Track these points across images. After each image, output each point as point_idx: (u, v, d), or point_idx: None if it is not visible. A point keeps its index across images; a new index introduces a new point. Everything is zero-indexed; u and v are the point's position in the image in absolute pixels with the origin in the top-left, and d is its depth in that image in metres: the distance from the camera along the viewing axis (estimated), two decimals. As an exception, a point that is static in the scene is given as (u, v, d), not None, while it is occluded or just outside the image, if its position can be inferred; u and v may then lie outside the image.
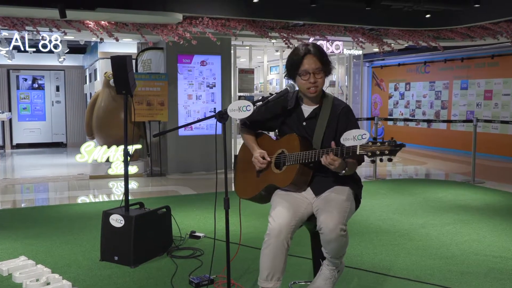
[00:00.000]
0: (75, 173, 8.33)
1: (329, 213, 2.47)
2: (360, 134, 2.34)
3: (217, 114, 2.67)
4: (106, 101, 8.08)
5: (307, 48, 2.58)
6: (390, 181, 7.60)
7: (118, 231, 3.67)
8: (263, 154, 2.73)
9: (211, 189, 6.73)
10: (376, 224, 4.90)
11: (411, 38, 8.90)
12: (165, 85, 8.01)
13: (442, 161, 10.08)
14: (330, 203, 2.53)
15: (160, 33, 7.40)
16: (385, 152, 2.24)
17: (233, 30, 7.79)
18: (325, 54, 2.63)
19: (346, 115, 2.64)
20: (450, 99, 11.42)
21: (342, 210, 2.49)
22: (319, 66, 2.56)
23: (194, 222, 4.99)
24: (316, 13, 7.96)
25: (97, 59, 10.22)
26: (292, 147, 2.64)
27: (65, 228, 4.74)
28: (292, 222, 2.54)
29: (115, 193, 6.77)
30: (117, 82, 3.90)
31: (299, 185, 2.65)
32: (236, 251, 3.75)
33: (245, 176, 2.88)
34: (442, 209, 5.56)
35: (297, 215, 2.58)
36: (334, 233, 2.42)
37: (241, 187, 2.92)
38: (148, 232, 3.76)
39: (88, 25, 7.07)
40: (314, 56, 2.56)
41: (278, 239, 2.50)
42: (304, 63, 2.56)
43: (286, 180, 2.62)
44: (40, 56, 12.10)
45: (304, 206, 2.64)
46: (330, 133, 2.61)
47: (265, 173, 2.75)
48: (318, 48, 2.61)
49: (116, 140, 7.85)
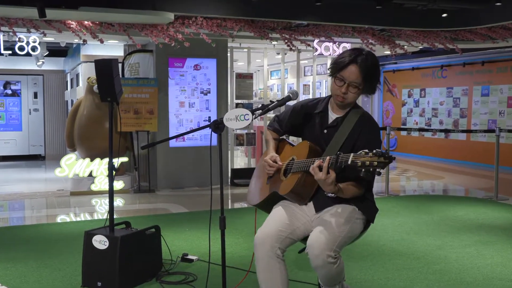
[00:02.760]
0: (54, 189, 8.31)
1: (318, 236, 2.49)
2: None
3: (212, 124, 2.68)
4: (89, 109, 8.09)
5: (356, 56, 2.55)
6: (404, 197, 7.59)
7: (102, 254, 3.65)
8: (274, 158, 2.76)
9: (205, 207, 6.71)
10: (389, 245, 4.89)
11: (426, 39, 8.95)
12: (155, 92, 8.03)
13: (461, 175, 10.07)
14: (323, 224, 2.55)
15: (149, 34, 7.43)
16: (374, 164, 2.25)
17: (230, 31, 7.83)
18: (373, 71, 2.57)
19: (371, 130, 2.64)
20: (470, 106, 11.45)
21: (334, 235, 2.50)
22: (359, 81, 2.55)
23: (186, 243, 4.97)
24: (322, 12, 8.01)
25: (80, 62, 10.25)
26: (301, 154, 2.67)
27: (43, 251, 4.72)
28: (282, 232, 2.58)
29: (99, 211, 6.75)
30: (101, 88, 3.91)
31: (300, 196, 2.66)
32: (244, 277, 3.73)
33: (257, 182, 2.95)
34: (462, 229, 5.55)
35: (290, 227, 2.61)
36: (319, 259, 2.45)
37: (251, 193, 2.98)
38: (135, 255, 3.75)
39: (70, 26, 7.10)
40: (358, 68, 2.53)
41: (263, 248, 2.55)
42: (346, 70, 2.55)
43: (286, 187, 2.64)
44: (16, 60, 12.13)
45: (302, 221, 2.66)
46: (349, 145, 2.62)
47: (274, 179, 2.79)
48: (369, 61, 2.56)
49: (100, 152, 7.85)
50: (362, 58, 2.54)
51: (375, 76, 2.58)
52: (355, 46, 9.46)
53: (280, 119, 2.91)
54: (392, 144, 13.36)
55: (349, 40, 9.10)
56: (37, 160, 12.79)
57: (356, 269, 4.14)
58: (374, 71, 2.57)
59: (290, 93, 2.80)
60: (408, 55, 10.51)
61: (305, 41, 8.38)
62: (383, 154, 2.24)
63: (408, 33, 8.88)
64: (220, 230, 2.74)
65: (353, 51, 2.60)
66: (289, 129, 2.91)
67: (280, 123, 2.92)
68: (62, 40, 8.42)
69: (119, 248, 3.60)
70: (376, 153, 2.25)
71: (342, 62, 2.56)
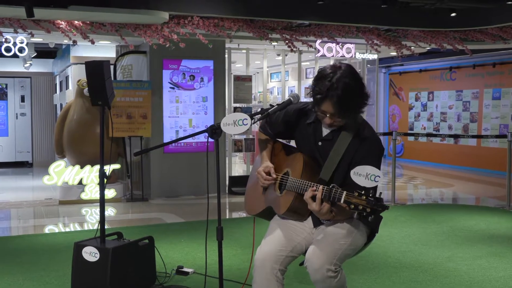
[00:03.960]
0: (42, 197, 8.30)
1: (317, 250, 2.50)
2: (375, 175, 2.37)
3: (209, 129, 2.68)
4: (79, 113, 8.09)
5: (328, 90, 2.44)
6: (411, 206, 7.59)
7: (92, 266, 3.63)
8: (268, 169, 2.76)
9: (201, 217, 6.70)
10: (395, 257, 4.88)
11: (434, 40, 8.97)
12: (148, 95, 8.04)
13: (471, 183, 10.07)
14: (323, 238, 2.56)
15: (143, 34, 7.45)
16: (367, 210, 2.27)
17: (228, 31, 7.84)
18: (347, 101, 2.46)
19: (369, 146, 2.58)
20: (481, 110, 11.47)
21: (335, 247, 2.51)
22: (338, 113, 2.50)
23: (181, 255, 4.96)
24: (324, 12, 8.03)
25: (69, 64, 10.26)
26: (295, 169, 2.68)
27: (30, 263, 4.70)
28: (282, 251, 2.59)
29: (89, 222, 6.74)
30: (92, 91, 3.92)
31: (298, 215, 2.68)
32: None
33: (255, 189, 2.93)
34: (472, 240, 5.54)
35: (290, 244, 2.62)
36: (319, 274, 2.46)
37: (248, 201, 2.98)
38: (128, 268, 3.74)
39: (59, 25, 7.11)
40: (331, 103, 2.46)
41: (263, 270, 2.56)
42: (322, 105, 2.50)
43: (282, 206, 2.66)
44: (2, 61, 12.14)
45: (303, 235, 2.67)
46: (345, 165, 2.60)
47: (270, 190, 2.80)
48: (339, 90, 2.45)
49: (90, 159, 7.84)
50: (334, 93, 2.44)
51: (351, 105, 2.48)
52: (359, 47, 9.53)
53: (272, 122, 2.87)
54: (399, 150, 13.37)
55: (353, 40, 9.12)
56: (24, 167, 12.77)
57: (360, 283, 4.13)
58: (349, 101, 2.47)
59: (291, 97, 2.80)
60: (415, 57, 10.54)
61: (307, 42, 8.39)
62: (376, 203, 2.25)
63: (415, 34, 8.90)
64: (217, 241, 2.73)
65: (326, 76, 2.49)
66: (280, 134, 2.89)
67: (271, 127, 2.89)
68: (51, 40, 8.42)
69: (111, 260, 3.58)
70: (370, 201, 2.26)
71: (316, 99, 2.50)
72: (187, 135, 2.94)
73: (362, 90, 2.51)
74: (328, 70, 2.51)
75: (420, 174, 11.23)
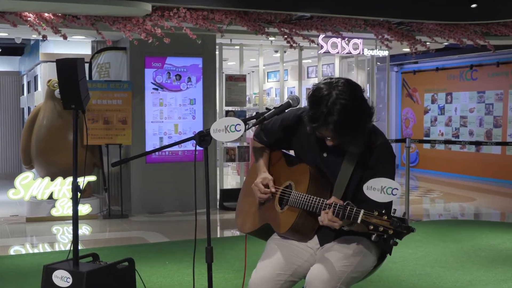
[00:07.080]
0: (7, 214, 8.27)
1: (319, 272, 2.51)
2: (391, 187, 2.36)
3: (197, 136, 2.69)
4: (49, 118, 8.09)
5: (327, 116, 2.44)
6: (427, 223, 7.60)
7: (64, 293, 3.62)
8: (266, 181, 2.76)
9: (188, 235, 6.69)
10: (410, 281, 4.88)
11: (452, 34, 9.01)
12: (129, 97, 8.04)
13: (495, 196, 10.09)
14: (326, 257, 2.56)
15: (122, 28, 7.46)
16: (389, 232, 2.27)
17: (219, 25, 7.86)
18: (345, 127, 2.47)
19: (379, 153, 2.61)
20: (505, 114, 11.50)
21: (339, 269, 2.51)
22: (340, 136, 2.52)
23: (166, 279, 4.96)
24: (328, 3, 8.06)
25: (38, 62, 10.26)
26: (300, 183, 2.67)
27: (-7, 289, 4.70)
28: (280, 275, 2.59)
29: (61, 241, 6.72)
30: (64, 93, 3.92)
31: (301, 234, 2.68)
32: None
33: (249, 203, 2.92)
34: (496, 261, 5.55)
35: (290, 267, 2.62)
36: None
37: (240, 218, 2.98)
38: (104, 294, 3.73)
39: (27, 18, 7.12)
40: (329, 130, 2.48)
41: None
42: (320, 131, 2.52)
43: (283, 224, 2.65)
44: (-37, 59, 12.15)
45: (305, 257, 2.67)
46: (357, 178, 2.62)
47: (268, 205, 2.78)
48: (343, 112, 2.44)
49: (62, 170, 7.83)
50: (330, 119, 2.44)
51: (351, 125, 2.49)
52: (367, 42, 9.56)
53: (268, 128, 2.88)
54: (413, 159, 13.39)
55: (361, 35, 9.15)
56: (-14, 180, 12.74)
57: (371, 310, 4.13)
58: (347, 122, 2.47)
59: (290, 99, 2.81)
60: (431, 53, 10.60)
61: (308, 37, 8.41)
62: (401, 224, 2.25)
63: (431, 27, 8.94)
64: (206, 264, 2.73)
65: (321, 99, 2.47)
66: (277, 143, 2.89)
67: (266, 134, 2.89)
68: (17, 35, 8.42)
69: (85, 285, 3.57)
70: (393, 221, 2.25)
71: (314, 128, 2.51)
72: (172, 143, 2.94)
73: (363, 107, 2.52)
74: (324, 90, 2.49)
75: (437, 186, 11.25)
